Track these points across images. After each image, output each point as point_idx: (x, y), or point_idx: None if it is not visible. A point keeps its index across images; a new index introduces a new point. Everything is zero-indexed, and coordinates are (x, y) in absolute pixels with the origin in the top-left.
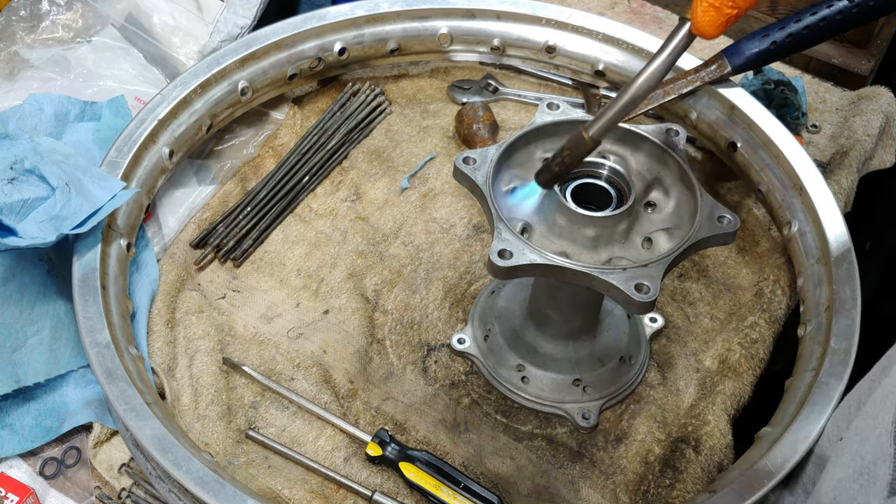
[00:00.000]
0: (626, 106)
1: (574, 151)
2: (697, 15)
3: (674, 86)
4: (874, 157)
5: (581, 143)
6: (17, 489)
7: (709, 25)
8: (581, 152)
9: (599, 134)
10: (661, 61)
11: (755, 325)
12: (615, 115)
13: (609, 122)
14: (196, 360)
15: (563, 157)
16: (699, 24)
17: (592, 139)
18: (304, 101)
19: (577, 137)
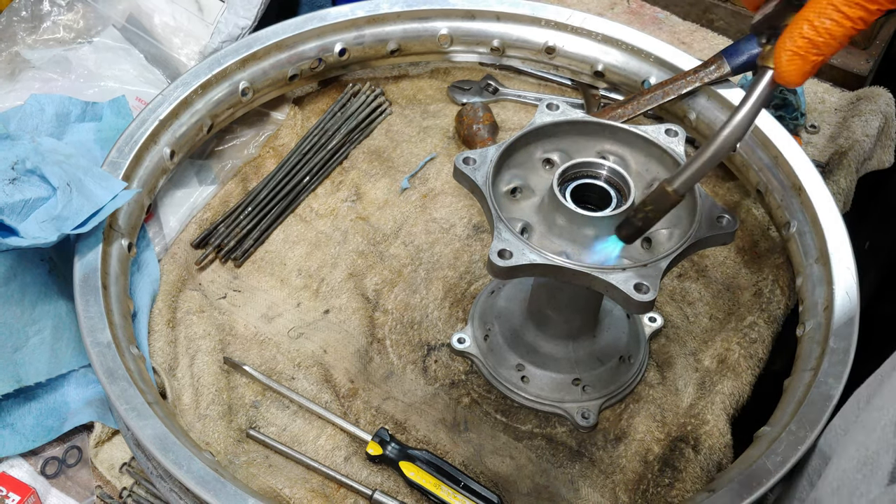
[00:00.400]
0: (712, 159)
1: (657, 206)
2: (782, 64)
3: (673, 86)
4: (873, 158)
5: (665, 197)
6: (19, 488)
7: (794, 74)
8: (665, 207)
9: (684, 188)
10: (745, 112)
11: (754, 325)
12: (700, 168)
13: (694, 176)
14: (197, 360)
15: (645, 211)
16: (784, 74)
17: (677, 192)
18: (304, 102)
19: (660, 191)
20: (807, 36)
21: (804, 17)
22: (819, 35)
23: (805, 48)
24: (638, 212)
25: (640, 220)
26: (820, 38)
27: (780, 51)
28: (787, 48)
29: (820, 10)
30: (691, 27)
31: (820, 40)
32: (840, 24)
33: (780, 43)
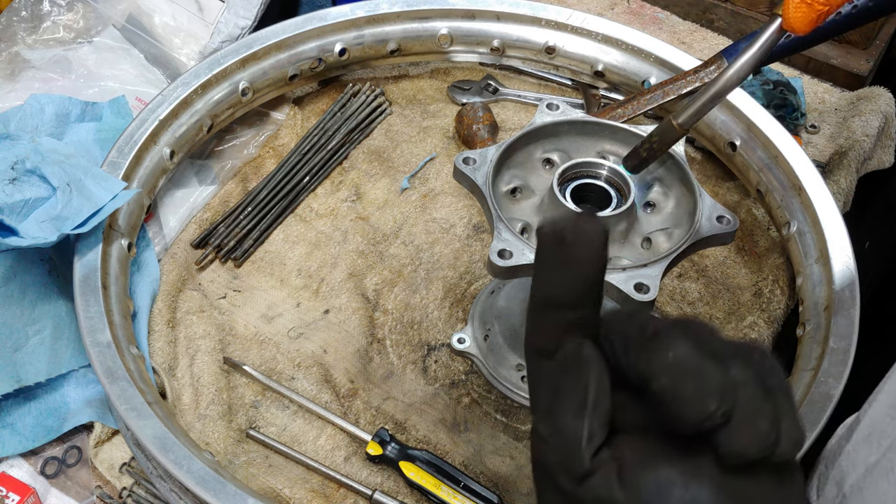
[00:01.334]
0: (716, 95)
1: (663, 138)
2: (789, 11)
3: (673, 86)
4: (873, 158)
5: (670, 131)
6: (19, 488)
7: (800, 21)
8: (670, 139)
9: (689, 122)
10: (751, 54)
11: (754, 325)
12: (705, 103)
13: (699, 111)
14: (197, 360)
15: (651, 143)
16: (791, 20)
17: (682, 126)
18: (304, 102)
19: (666, 125)
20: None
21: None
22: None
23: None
24: (644, 143)
25: (645, 150)
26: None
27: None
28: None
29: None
30: (691, 27)
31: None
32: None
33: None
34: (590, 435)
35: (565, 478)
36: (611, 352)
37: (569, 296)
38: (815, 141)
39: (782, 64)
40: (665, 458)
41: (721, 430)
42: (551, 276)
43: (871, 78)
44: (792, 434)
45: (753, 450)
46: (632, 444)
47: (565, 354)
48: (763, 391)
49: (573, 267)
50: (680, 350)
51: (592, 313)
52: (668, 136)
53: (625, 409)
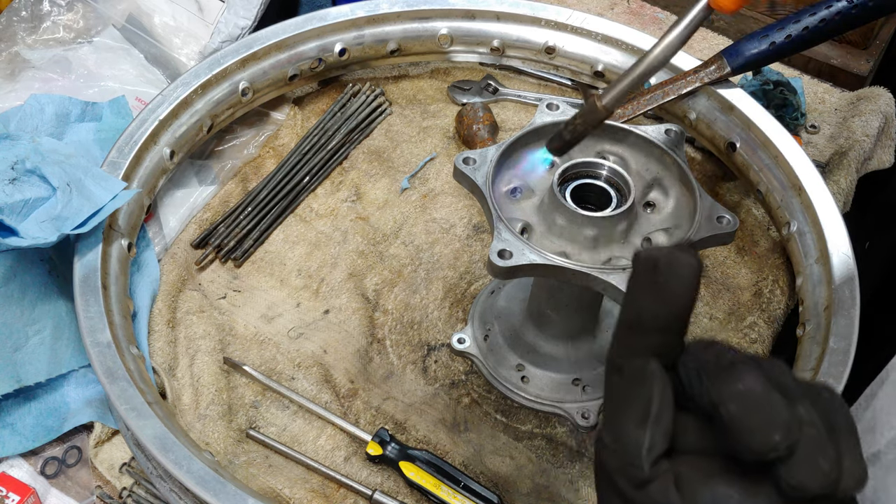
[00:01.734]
0: (641, 76)
1: (587, 119)
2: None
3: (673, 86)
4: (873, 158)
5: (594, 112)
6: (18, 489)
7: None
8: (593, 120)
9: (613, 103)
10: (676, 33)
11: (754, 325)
12: (629, 84)
13: (622, 92)
14: (197, 360)
15: (575, 124)
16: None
17: (606, 108)
18: (304, 102)
19: (590, 105)
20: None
21: None
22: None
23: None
24: (568, 125)
25: (569, 132)
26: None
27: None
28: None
29: None
30: None
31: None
32: None
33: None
34: (651, 444)
35: (625, 482)
36: (686, 378)
37: (655, 322)
38: (815, 141)
39: (782, 64)
40: (724, 476)
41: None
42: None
43: (871, 78)
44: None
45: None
46: (692, 461)
47: (632, 369)
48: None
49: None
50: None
51: (675, 341)
52: (592, 116)
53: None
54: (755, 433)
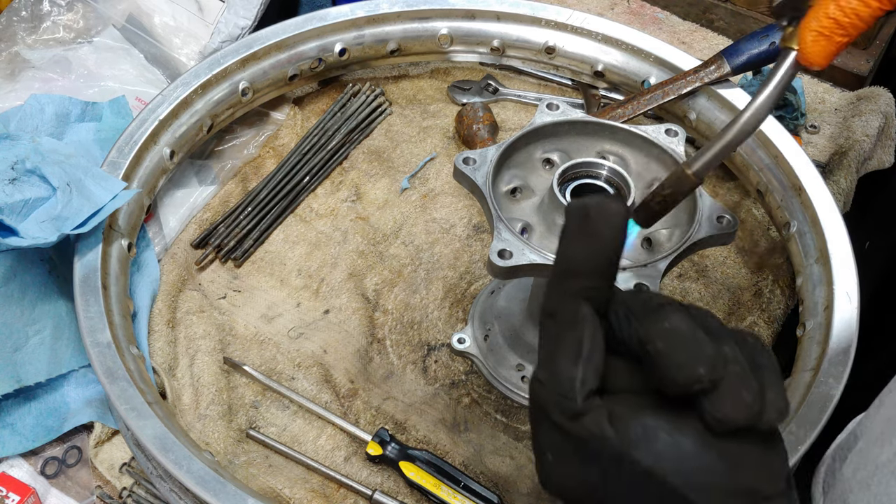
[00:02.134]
0: (732, 142)
1: (676, 189)
2: (807, 45)
3: (673, 86)
4: (873, 158)
5: (684, 180)
6: (19, 489)
7: (819, 56)
8: (683, 190)
9: (703, 170)
10: (767, 93)
11: (754, 325)
12: (720, 151)
13: (713, 159)
14: (197, 360)
15: (664, 195)
16: (809, 55)
17: (696, 175)
18: (304, 102)
19: (678, 174)
20: (833, 16)
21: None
22: (845, 15)
23: (831, 29)
24: (656, 196)
25: (657, 203)
26: (846, 18)
27: (805, 32)
28: (813, 28)
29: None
30: (691, 27)
31: (846, 21)
32: (867, 5)
33: (805, 24)
34: (583, 378)
35: (560, 414)
36: (616, 322)
37: (585, 265)
38: (815, 141)
39: None
40: (654, 410)
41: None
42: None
43: (871, 78)
44: (777, 404)
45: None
46: (623, 398)
47: (565, 312)
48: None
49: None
50: (677, 321)
51: (605, 286)
52: (681, 186)
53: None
54: (681, 367)
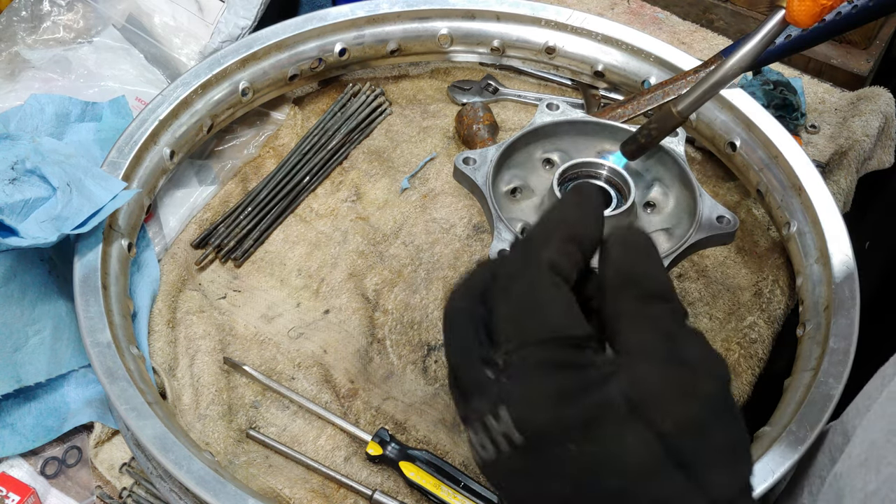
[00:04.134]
0: (716, 84)
1: (661, 125)
2: (794, 4)
3: (673, 86)
4: (873, 158)
5: (669, 118)
6: (19, 489)
7: (804, 15)
8: (668, 126)
9: (688, 110)
10: (752, 44)
11: (754, 325)
12: (704, 92)
13: (698, 100)
14: (197, 360)
15: (650, 129)
16: (794, 13)
17: (681, 114)
18: (304, 102)
19: (665, 112)
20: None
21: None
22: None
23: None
24: (642, 130)
25: (643, 136)
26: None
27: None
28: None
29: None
30: (691, 27)
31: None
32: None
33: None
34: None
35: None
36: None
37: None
38: (815, 141)
39: (782, 64)
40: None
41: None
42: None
43: (871, 78)
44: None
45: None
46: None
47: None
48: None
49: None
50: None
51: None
52: (666, 123)
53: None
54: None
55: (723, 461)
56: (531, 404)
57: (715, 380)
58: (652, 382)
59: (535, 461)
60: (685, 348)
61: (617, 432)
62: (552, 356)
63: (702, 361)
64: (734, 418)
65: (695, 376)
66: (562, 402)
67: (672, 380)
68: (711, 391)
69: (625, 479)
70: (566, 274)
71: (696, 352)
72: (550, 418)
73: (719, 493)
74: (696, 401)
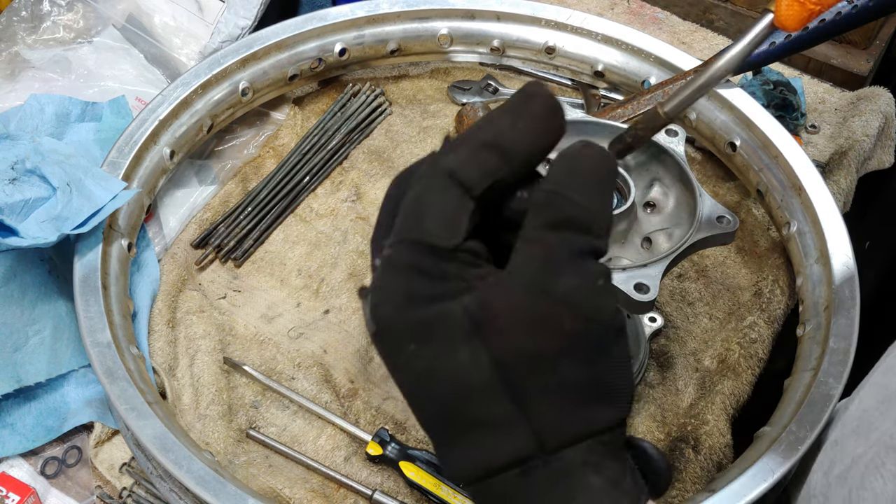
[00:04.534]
0: (703, 86)
1: (648, 125)
2: (781, 8)
3: (673, 86)
4: (873, 158)
5: (655, 118)
6: (19, 489)
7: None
8: (654, 126)
9: (674, 111)
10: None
11: (754, 325)
12: (691, 93)
13: (684, 100)
14: (197, 360)
15: (636, 129)
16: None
17: (667, 115)
18: (304, 102)
19: (652, 112)
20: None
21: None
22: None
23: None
24: (629, 130)
25: (630, 136)
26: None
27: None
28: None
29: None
30: (691, 27)
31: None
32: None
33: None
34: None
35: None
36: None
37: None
38: (815, 141)
39: (782, 64)
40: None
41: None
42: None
43: (871, 78)
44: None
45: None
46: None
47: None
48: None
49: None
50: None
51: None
52: (653, 123)
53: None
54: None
55: (562, 400)
56: (382, 298)
57: (583, 320)
58: (499, 304)
59: (385, 348)
60: (561, 281)
61: (450, 345)
62: (413, 259)
63: (575, 298)
64: (604, 365)
65: (555, 310)
66: (407, 304)
67: (523, 307)
68: (574, 329)
69: (449, 391)
70: (469, 181)
71: (572, 287)
72: (392, 315)
73: (548, 430)
74: (546, 334)
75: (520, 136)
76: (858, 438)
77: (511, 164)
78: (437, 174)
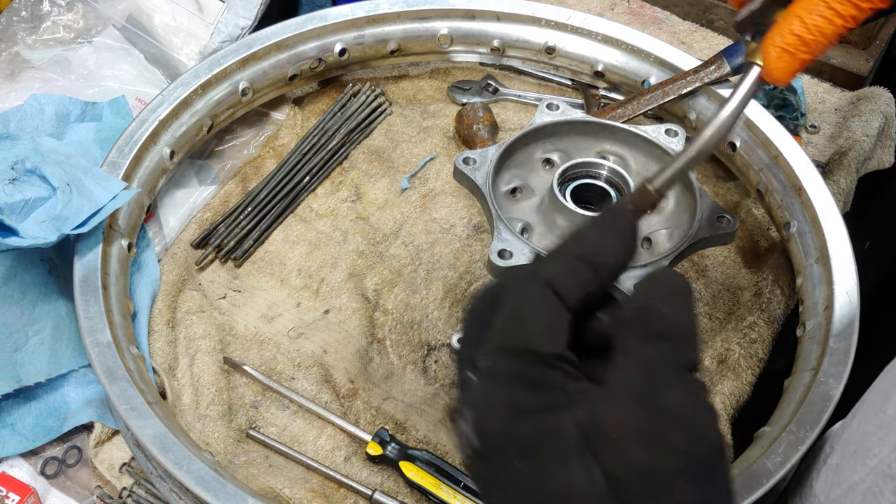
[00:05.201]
0: (694, 158)
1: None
2: (771, 61)
3: (673, 86)
4: (873, 158)
5: (646, 196)
6: (19, 489)
7: (782, 72)
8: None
9: (664, 186)
10: (730, 110)
11: (754, 325)
12: (682, 167)
13: (675, 175)
14: (197, 360)
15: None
16: (772, 71)
17: (657, 191)
18: (304, 102)
19: (641, 189)
20: (797, 33)
21: (794, 13)
22: (809, 32)
23: (795, 45)
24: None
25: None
26: (810, 35)
27: (768, 47)
28: (777, 45)
29: (811, 7)
30: (691, 27)
31: (810, 38)
32: (831, 22)
33: (769, 39)
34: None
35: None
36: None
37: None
38: (815, 141)
39: None
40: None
41: None
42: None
43: (871, 78)
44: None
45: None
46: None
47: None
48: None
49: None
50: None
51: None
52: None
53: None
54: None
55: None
56: (486, 412)
57: (693, 438)
58: (610, 419)
59: (485, 468)
60: (670, 396)
61: (561, 460)
62: (518, 369)
63: (683, 415)
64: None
65: (667, 427)
66: (514, 417)
67: (635, 421)
68: (685, 448)
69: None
70: (566, 292)
71: (680, 401)
72: (499, 429)
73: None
74: (660, 452)
75: (608, 253)
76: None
77: (600, 279)
78: (536, 284)
